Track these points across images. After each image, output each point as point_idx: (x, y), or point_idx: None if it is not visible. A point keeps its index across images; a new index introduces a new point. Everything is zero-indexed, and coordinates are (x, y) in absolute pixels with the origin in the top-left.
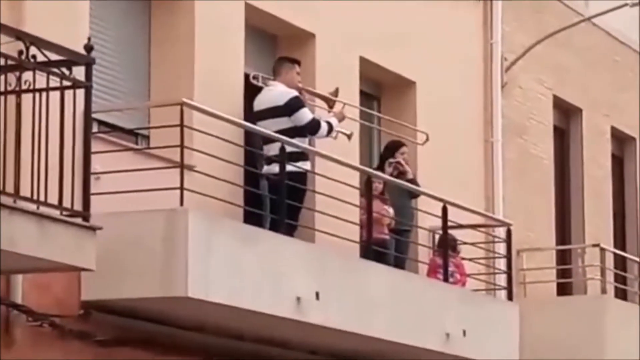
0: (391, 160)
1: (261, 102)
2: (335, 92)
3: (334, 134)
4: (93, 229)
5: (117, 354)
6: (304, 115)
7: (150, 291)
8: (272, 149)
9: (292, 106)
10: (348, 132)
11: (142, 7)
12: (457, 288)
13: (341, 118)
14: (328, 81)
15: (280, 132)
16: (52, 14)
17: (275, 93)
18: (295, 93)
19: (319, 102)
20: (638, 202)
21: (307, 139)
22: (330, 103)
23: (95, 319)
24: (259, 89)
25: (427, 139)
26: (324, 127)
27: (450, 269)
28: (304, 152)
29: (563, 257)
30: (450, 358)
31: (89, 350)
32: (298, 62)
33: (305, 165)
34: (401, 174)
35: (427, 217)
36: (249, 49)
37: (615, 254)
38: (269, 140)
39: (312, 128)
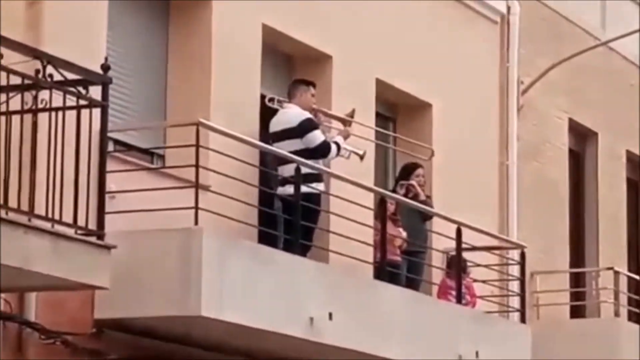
0: (403, 182)
1: (276, 124)
2: (352, 114)
3: (344, 152)
4: (107, 247)
5: None
6: (315, 138)
7: (164, 310)
8: (286, 170)
9: (304, 128)
10: (361, 152)
11: (160, 27)
12: (470, 309)
13: (346, 136)
14: (344, 102)
15: (293, 153)
16: (70, 33)
17: (289, 115)
18: (307, 115)
19: (335, 123)
20: None
21: (320, 160)
22: (346, 124)
23: (108, 337)
24: (275, 110)
25: (433, 154)
26: (333, 149)
27: (462, 290)
28: (318, 173)
29: (577, 280)
30: None
31: None
32: (313, 84)
33: (319, 187)
34: (415, 196)
35: (441, 239)
36: (266, 69)
37: (629, 277)
38: (283, 161)
39: (322, 150)
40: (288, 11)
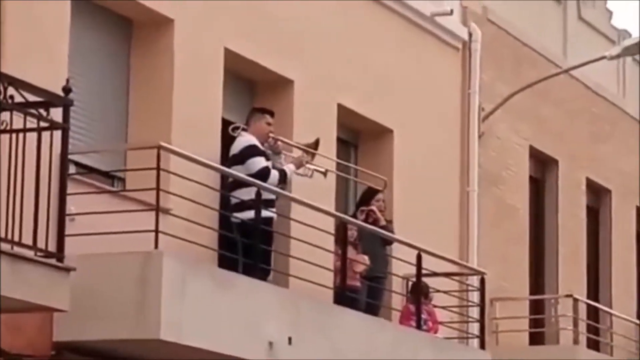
0: (363, 208)
1: (230, 151)
2: (316, 144)
3: (306, 172)
4: (67, 270)
5: None
6: (254, 164)
7: (123, 333)
8: (240, 195)
9: (244, 154)
10: (323, 170)
11: (122, 49)
12: (430, 335)
13: (299, 164)
14: (306, 128)
15: (236, 179)
16: (31, 55)
17: (237, 142)
18: (252, 142)
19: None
20: (612, 253)
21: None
22: (309, 154)
23: None
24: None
25: (386, 186)
26: (273, 176)
27: (424, 316)
28: (271, 199)
29: (536, 307)
30: None
31: None
32: (269, 112)
33: (271, 211)
34: (375, 221)
35: (402, 265)
36: (228, 93)
37: (588, 305)
38: (236, 186)
39: (261, 177)
40: (250, 36)
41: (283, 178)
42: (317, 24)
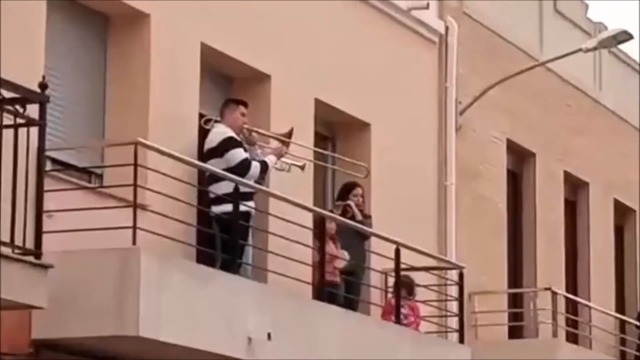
0: (340, 202)
1: (205, 145)
2: (289, 133)
3: (284, 166)
4: (45, 267)
5: None
6: (235, 156)
7: (101, 330)
8: (217, 189)
9: (224, 147)
10: (300, 164)
11: (98, 45)
12: (408, 330)
13: (279, 154)
14: (283, 122)
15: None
16: (7, 51)
17: (213, 134)
18: (229, 134)
19: (275, 142)
20: (590, 246)
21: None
22: (284, 144)
23: (46, 357)
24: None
25: (368, 173)
26: (255, 166)
27: (405, 311)
28: (249, 192)
29: (515, 300)
30: None
31: None
32: (243, 103)
33: (249, 205)
34: (351, 217)
35: (380, 259)
36: (205, 89)
37: (566, 298)
38: (214, 180)
39: (241, 168)
40: (227, 30)
41: (264, 169)
42: (294, 18)
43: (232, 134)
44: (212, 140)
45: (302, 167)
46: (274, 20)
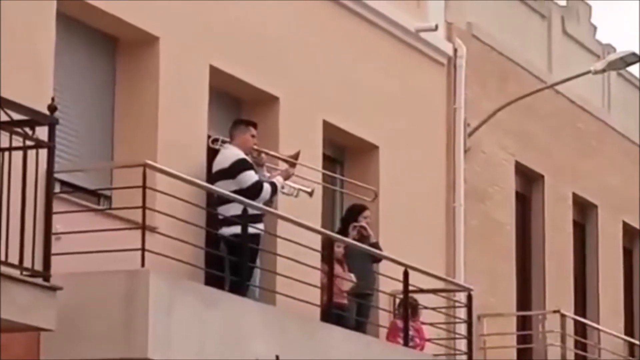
0: (355, 224)
1: (214, 165)
2: (296, 155)
3: (291, 191)
4: (53, 289)
5: None
6: (247, 178)
7: (110, 352)
8: (226, 210)
9: (235, 168)
10: (309, 190)
11: (107, 67)
12: (417, 353)
13: (286, 176)
14: (291, 144)
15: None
16: (17, 73)
17: (224, 156)
18: (241, 156)
19: (282, 164)
20: (599, 269)
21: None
22: (291, 166)
23: None
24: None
25: (376, 196)
26: (266, 189)
27: (410, 332)
28: (258, 214)
29: (524, 323)
30: None
31: None
32: (253, 124)
33: (259, 227)
34: (364, 238)
35: (388, 281)
36: (213, 111)
37: (575, 320)
38: (223, 201)
39: (254, 191)
40: (235, 53)
41: (274, 191)
42: (302, 40)
43: (244, 156)
44: (223, 161)
45: (311, 193)
46: (282, 42)
